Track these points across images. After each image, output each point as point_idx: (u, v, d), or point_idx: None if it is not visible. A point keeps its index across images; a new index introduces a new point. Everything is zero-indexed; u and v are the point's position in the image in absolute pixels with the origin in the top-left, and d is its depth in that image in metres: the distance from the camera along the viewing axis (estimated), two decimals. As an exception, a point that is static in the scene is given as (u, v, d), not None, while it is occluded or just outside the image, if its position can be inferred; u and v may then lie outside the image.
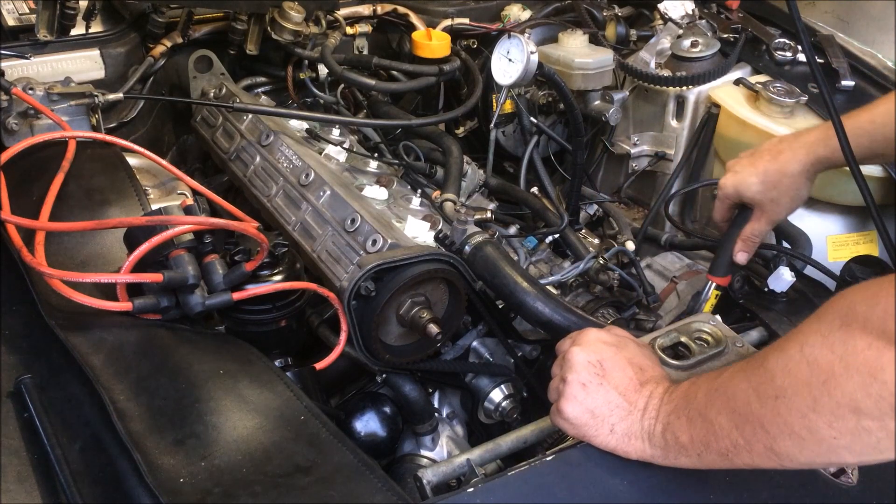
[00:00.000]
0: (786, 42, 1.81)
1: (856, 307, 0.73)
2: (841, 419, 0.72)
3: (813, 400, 0.73)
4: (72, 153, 1.40)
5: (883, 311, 0.70)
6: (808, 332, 0.76)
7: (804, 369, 0.74)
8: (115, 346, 1.06)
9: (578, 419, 0.95)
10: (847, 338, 0.72)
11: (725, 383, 0.84)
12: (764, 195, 1.33)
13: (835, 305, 0.76)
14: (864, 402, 0.70)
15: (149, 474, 0.85)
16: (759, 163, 1.34)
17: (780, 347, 0.79)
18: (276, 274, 1.21)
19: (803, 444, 0.76)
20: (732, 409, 0.81)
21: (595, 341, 0.99)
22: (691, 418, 0.86)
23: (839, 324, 0.73)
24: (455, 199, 1.50)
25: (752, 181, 1.33)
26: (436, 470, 1.03)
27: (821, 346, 0.74)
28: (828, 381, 0.72)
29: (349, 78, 1.80)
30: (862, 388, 0.70)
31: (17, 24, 1.70)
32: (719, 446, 0.83)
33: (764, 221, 1.36)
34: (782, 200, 1.33)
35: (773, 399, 0.77)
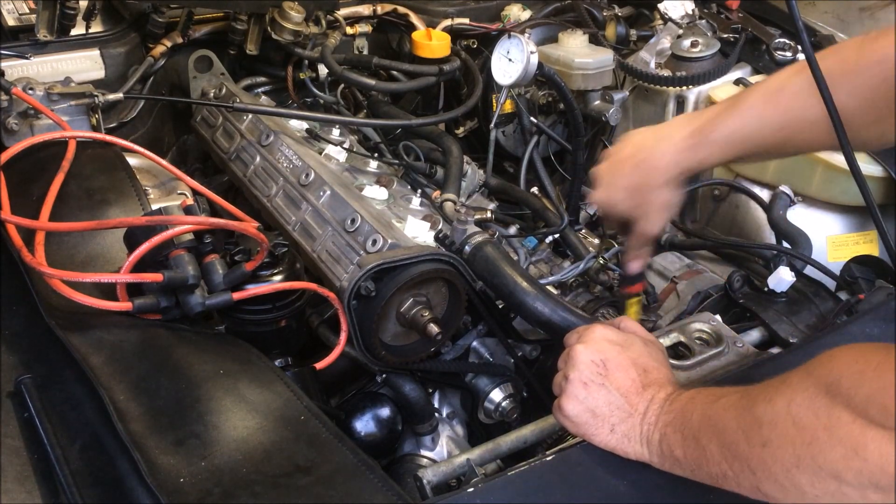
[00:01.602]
0: (786, 42, 1.81)
1: (841, 381, 0.72)
2: (823, 482, 0.71)
3: (797, 458, 0.73)
4: (72, 153, 1.40)
5: (866, 395, 0.69)
6: (796, 388, 0.76)
7: (790, 427, 0.74)
8: (115, 346, 1.06)
9: (579, 417, 0.95)
10: (831, 408, 0.71)
11: (719, 414, 0.83)
12: (632, 212, 1.23)
13: (822, 368, 0.75)
14: (845, 473, 0.69)
15: (149, 474, 0.85)
16: (621, 177, 1.22)
17: (768, 398, 0.78)
18: (276, 274, 1.21)
19: (787, 493, 0.75)
20: (722, 442, 0.81)
21: (600, 340, 0.98)
22: (685, 437, 0.86)
23: (824, 391, 0.72)
24: (455, 199, 1.50)
25: (618, 199, 1.23)
26: (436, 470, 1.03)
27: (807, 409, 0.73)
28: (812, 445, 0.72)
29: (349, 78, 1.80)
30: (844, 460, 0.69)
31: (17, 24, 1.70)
32: (710, 471, 0.83)
33: (640, 236, 1.26)
34: (651, 215, 1.22)
35: (760, 446, 0.77)
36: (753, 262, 1.59)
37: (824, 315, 1.35)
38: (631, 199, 1.22)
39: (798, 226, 1.58)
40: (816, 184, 1.61)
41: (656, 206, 1.21)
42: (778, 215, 1.60)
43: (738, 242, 1.64)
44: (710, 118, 1.16)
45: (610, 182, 1.24)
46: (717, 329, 1.17)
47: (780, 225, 1.59)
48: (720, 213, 1.79)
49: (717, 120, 1.15)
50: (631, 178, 1.21)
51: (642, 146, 1.21)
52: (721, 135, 1.13)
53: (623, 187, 1.22)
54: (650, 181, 1.19)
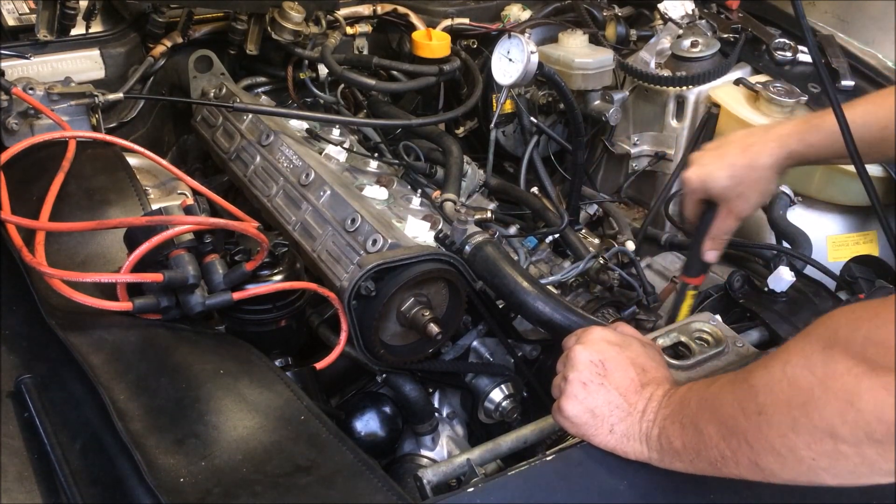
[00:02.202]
0: (786, 42, 1.81)
1: (839, 330, 0.72)
2: (819, 441, 0.72)
3: (792, 420, 0.73)
4: (72, 153, 1.40)
5: (864, 337, 0.69)
6: (792, 350, 0.76)
7: (785, 388, 0.74)
8: (115, 346, 1.06)
9: (578, 418, 0.95)
10: (828, 360, 0.71)
11: (715, 394, 0.84)
12: (731, 190, 1.27)
13: (820, 326, 0.76)
14: (840, 428, 0.70)
15: (149, 474, 0.85)
16: (726, 156, 1.27)
17: (765, 364, 0.79)
18: (277, 274, 1.21)
19: (784, 462, 0.76)
20: (720, 420, 0.81)
21: (599, 340, 0.99)
22: (684, 425, 0.86)
23: (822, 345, 0.73)
24: (455, 199, 1.50)
25: (720, 175, 1.27)
26: (436, 470, 1.03)
27: (802, 366, 0.74)
28: (807, 404, 0.72)
29: (349, 78, 1.80)
30: (839, 414, 0.70)
31: (17, 24, 1.70)
32: (709, 455, 0.83)
33: (732, 218, 1.30)
34: (750, 196, 1.27)
35: (755, 415, 0.77)
36: (753, 262, 1.59)
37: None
38: (733, 178, 1.26)
39: (798, 226, 1.58)
40: (816, 184, 1.61)
41: (756, 187, 1.26)
42: (778, 215, 1.60)
43: (738, 242, 1.63)
44: (822, 113, 1.21)
45: (714, 159, 1.28)
46: (717, 329, 1.17)
47: (780, 225, 1.59)
48: (720, 213, 1.78)
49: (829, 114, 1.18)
50: (738, 157, 1.26)
51: (754, 132, 1.29)
52: (832, 124, 1.16)
53: (728, 164, 1.26)
54: (757, 160, 1.24)
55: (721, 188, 1.27)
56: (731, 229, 1.32)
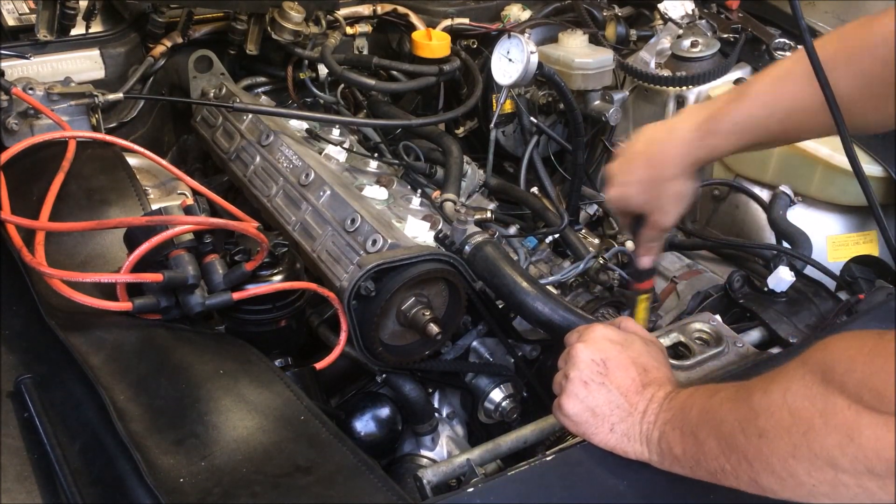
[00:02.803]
0: (786, 42, 1.81)
1: (835, 368, 0.72)
2: (819, 470, 0.71)
3: (793, 447, 0.73)
4: (72, 153, 1.40)
5: (858, 380, 0.69)
6: (792, 376, 0.76)
7: (786, 416, 0.74)
8: (115, 346, 1.06)
9: (579, 416, 0.95)
10: (827, 395, 0.71)
11: (716, 408, 0.84)
12: (648, 205, 1.24)
13: (816, 356, 0.75)
14: (841, 460, 0.69)
15: (149, 474, 0.85)
16: (635, 171, 1.24)
17: (764, 388, 0.78)
18: (276, 274, 1.21)
19: (784, 484, 0.75)
20: (720, 436, 0.81)
21: (601, 339, 0.99)
22: (684, 433, 0.86)
23: (819, 378, 0.73)
24: (455, 199, 1.50)
25: (632, 193, 1.24)
26: (436, 470, 1.03)
27: (803, 396, 0.73)
28: (808, 433, 0.72)
29: (349, 78, 1.80)
30: (839, 446, 0.69)
31: (17, 24, 1.70)
32: (708, 466, 0.83)
33: (655, 229, 1.28)
34: (667, 206, 1.24)
35: (756, 437, 0.77)
36: (753, 262, 1.59)
37: (824, 315, 1.35)
38: (645, 193, 1.23)
39: (798, 226, 1.58)
40: (816, 184, 1.61)
41: (670, 198, 1.22)
42: (778, 215, 1.60)
43: (738, 242, 1.64)
44: (719, 107, 1.17)
45: (624, 177, 1.25)
46: (717, 329, 1.17)
47: (780, 225, 1.59)
48: (720, 213, 1.79)
49: (726, 109, 1.16)
50: (644, 172, 1.22)
51: (653, 140, 1.23)
52: (730, 123, 1.14)
53: (637, 181, 1.23)
54: (663, 173, 1.20)
55: (637, 205, 1.26)
56: (657, 237, 1.31)
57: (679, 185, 1.21)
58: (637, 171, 1.24)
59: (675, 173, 1.20)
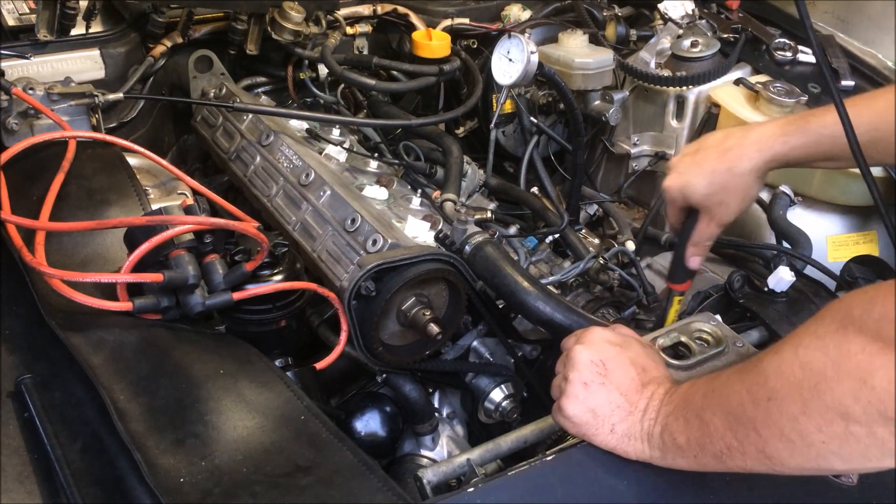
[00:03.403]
0: (786, 42, 1.81)
1: (853, 310, 0.72)
2: (830, 423, 0.72)
3: (803, 403, 0.73)
4: (72, 153, 1.40)
5: (879, 315, 0.69)
6: (803, 333, 0.76)
7: (797, 371, 0.74)
8: (115, 346, 1.06)
9: (579, 418, 0.95)
10: (842, 340, 0.71)
11: (722, 385, 0.84)
12: (711, 198, 1.22)
13: (832, 308, 0.76)
14: (853, 407, 0.70)
15: (149, 474, 0.85)
16: (705, 162, 1.22)
17: (775, 349, 0.79)
18: (276, 274, 1.21)
19: (793, 448, 0.75)
20: (727, 410, 0.81)
21: (599, 340, 0.99)
22: (688, 419, 0.86)
23: (835, 326, 0.73)
24: (455, 199, 1.50)
25: (699, 183, 1.22)
26: (436, 470, 1.03)
27: (815, 348, 0.74)
28: (819, 385, 0.72)
29: (349, 78, 1.80)
30: (851, 393, 0.70)
31: (17, 24, 1.69)
32: (714, 448, 0.83)
33: (713, 225, 1.26)
34: (731, 202, 1.22)
35: (765, 401, 0.77)
36: (753, 262, 1.59)
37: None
38: (712, 185, 1.21)
39: (798, 226, 1.58)
40: (816, 184, 1.61)
41: (737, 193, 1.21)
42: (778, 215, 1.60)
43: (738, 242, 1.64)
44: (808, 113, 1.19)
45: (692, 166, 1.24)
46: (717, 329, 1.17)
47: (780, 225, 1.59)
48: (720, 213, 1.78)
49: (816, 113, 1.17)
50: (716, 163, 1.21)
51: (730, 134, 1.23)
52: (817, 125, 1.15)
53: (708, 171, 1.21)
54: (737, 165, 1.19)
55: (700, 196, 1.23)
56: (713, 236, 1.29)
57: (749, 181, 1.20)
58: (708, 162, 1.22)
59: (749, 168, 1.19)
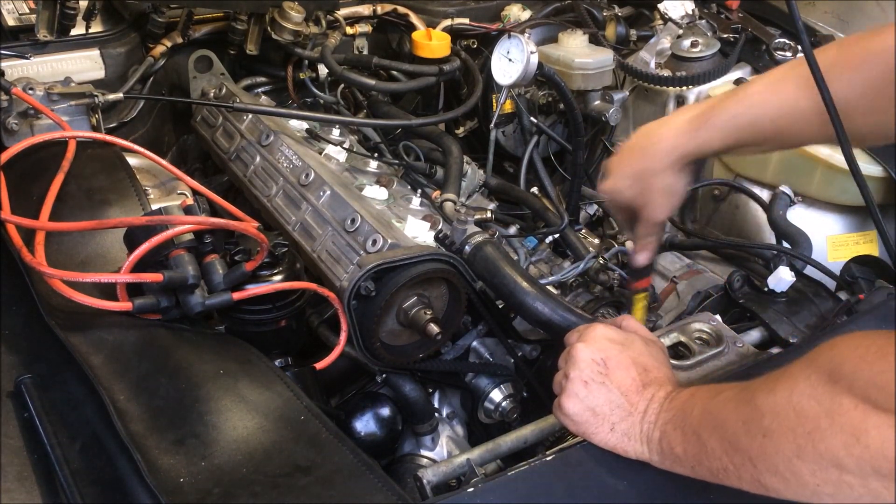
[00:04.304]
0: (786, 42, 1.81)
1: (843, 367, 0.72)
2: (824, 470, 0.71)
3: (798, 447, 0.73)
4: (72, 153, 1.40)
5: (867, 379, 0.69)
6: (798, 376, 0.75)
7: (791, 416, 0.74)
8: (115, 346, 1.06)
9: (579, 416, 0.95)
10: (834, 394, 0.71)
11: (719, 408, 0.83)
12: (637, 199, 1.24)
13: (824, 356, 0.75)
14: (846, 460, 0.69)
15: (149, 474, 0.85)
16: (625, 165, 1.25)
17: (769, 387, 0.78)
18: (276, 274, 1.21)
19: (788, 485, 0.75)
20: (723, 435, 0.81)
21: (601, 338, 0.99)
22: (686, 433, 0.86)
23: (826, 378, 0.72)
24: (455, 199, 1.50)
25: (622, 186, 1.25)
26: (436, 470, 1.03)
27: (808, 396, 0.73)
28: (813, 433, 0.72)
29: (349, 78, 1.80)
30: (845, 447, 0.69)
31: (17, 24, 1.69)
32: (711, 466, 0.83)
33: (648, 223, 1.27)
34: (656, 200, 1.23)
35: (760, 436, 0.76)
36: (753, 262, 1.59)
37: (824, 315, 1.35)
38: (635, 186, 1.23)
39: (798, 226, 1.58)
40: (816, 184, 1.61)
41: (659, 191, 1.22)
42: (778, 215, 1.60)
43: (738, 242, 1.64)
44: (713, 104, 1.17)
45: (616, 170, 1.26)
46: (717, 329, 1.17)
47: (780, 225, 1.59)
48: (720, 213, 1.79)
49: (719, 106, 1.16)
50: (635, 164, 1.23)
51: (647, 132, 1.24)
52: (721, 119, 1.14)
53: (628, 174, 1.24)
54: (653, 165, 1.20)
55: (627, 199, 1.25)
56: (651, 231, 1.29)
57: (668, 178, 1.20)
58: (628, 163, 1.24)
59: (664, 165, 1.19)
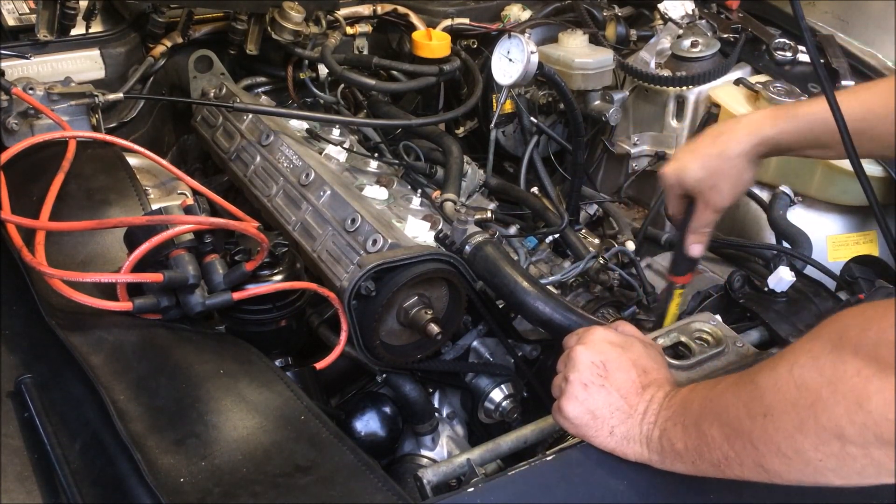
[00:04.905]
0: (786, 42, 1.81)
1: (848, 331, 0.72)
2: (826, 443, 0.71)
3: (800, 421, 0.73)
4: (72, 153, 1.40)
5: (874, 337, 0.69)
6: (799, 351, 0.76)
7: (792, 390, 0.74)
8: (115, 346, 1.06)
9: (579, 419, 0.95)
10: (837, 361, 0.71)
11: (719, 395, 0.84)
12: (704, 182, 1.25)
13: (828, 327, 0.75)
14: (848, 429, 0.69)
15: (149, 474, 0.85)
16: (698, 148, 1.27)
17: (771, 365, 0.78)
18: (277, 274, 1.21)
19: (790, 464, 0.75)
20: (724, 422, 0.81)
21: (600, 341, 0.99)
22: (686, 427, 0.86)
23: (830, 346, 0.72)
24: (455, 199, 1.50)
25: (691, 167, 1.26)
26: (436, 470, 1.03)
27: (810, 367, 0.73)
28: (815, 405, 0.72)
29: (349, 78, 1.80)
30: (847, 415, 0.69)
31: (17, 24, 1.70)
32: (712, 457, 0.83)
33: (709, 211, 1.28)
34: (723, 186, 1.25)
35: (761, 416, 0.77)
36: (753, 262, 1.59)
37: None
38: (704, 168, 1.25)
39: (798, 226, 1.58)
40: (816, 184, 1.61)
41: (729, 177, 1.24)
42: (778, 215, 1.60)
43: (738, 242, 1.64)
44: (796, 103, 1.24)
45: (686, 153, 1.28)
46: (717, 329, 1.17)
47: (780, 225, 1.59)
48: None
49: (802, 104, 1.21)
50: (709, 148, 1.25)
51: (726, 122, 1.29)
52: (804, 112, 1.18)
53: (700, 155, 1.25)
54: (728, 149, 1.23)
55: (694, 180, 1.26)
56: (710, 222, 1.30)
57: (739, 165, 1.23)
58: (701, 147, 1.26)
59: (739, 151, 1.22)
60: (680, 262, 1.36)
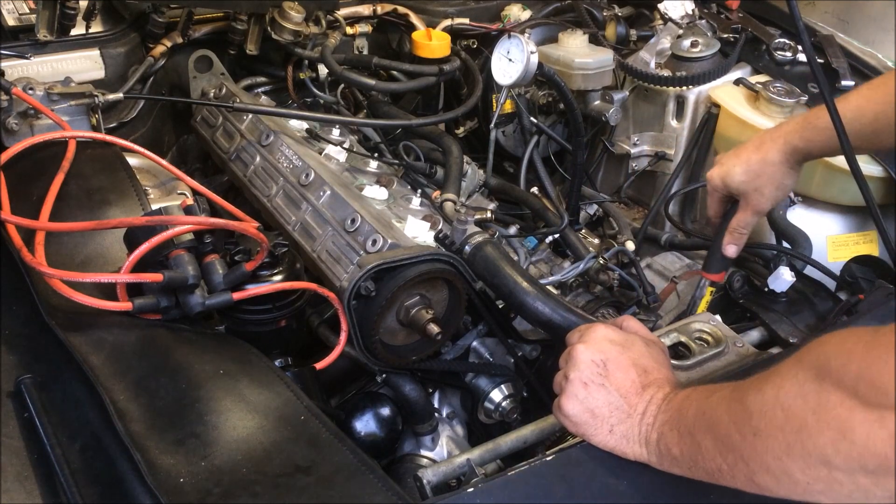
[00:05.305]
0: (786, 42, 1.81)
1: (830, 361, 0.72)
2: (813, 468, 0.71)
3: (787, 445, 0.73)
4: (72, 153, 1.40)
5: (855, 373, 0.69)
6: (785, 376, 0.76)
7: (779, 414, 0.74)
8: (115, 346, 1.06)
9: (578, 417, 0.95)
10: (820, 391, 0.71)
11: (712, 408, 0.84)
12: (747, 185, 1.35)
13: (812, 353, 0.75)
14: (834, 457, 0.69)
15: (149, 474, 0.85)
16: (742, 153, 1.36)
17: (758, 387, 0.79)
18: (276, 274, 1.21)
19: (780, 483, 0.75)
20: (716, 436, 0.82)
21: (602, 340, 0.99)
22: (682, 434, 0.86)
23: (814, 375, 0.73)
24: (455, 199, 1.50)
25: (737, 171, 1.35)
26: (436, 470, 1.03)
27: (795, 395, 0.73)
28: (801, 431, 0.72)
29: (349, 78, 1.80)
30: (832, 444, 0.69)
31: (17, 24, 1.70)
32: (706, 466, 0.83)
33: (749, 212, 1.37)
34: (765, 190, 1.34)
35: (751, 436, 0.77)
36: (753, 262, 1.59)
37: (824, 315, 1.35)
38: (748, 172, 1.35)
39: (798, 226, 1.58)
40: (816, 184, 1.61)
41: (771, 181, 1.34)
42: (778, 215, 1.60)
43: (738, 242, 1.63)
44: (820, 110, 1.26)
45: (731, 157, 1.38)
46: (717, 329, 1.17)
47: (780, 225, 1.59)
48: (720, 213, 1.79)
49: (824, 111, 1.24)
50: (753, 154, 1.35)
51: (766, 131, 1.39)
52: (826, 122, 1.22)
53: (744, 160, 1.35)
54: (770, 156, 1.33)
55: (739, 183, 1.35)
56: (749, 223, 1.39)
57: (780, 170, 1.33)
58: (745, 153, 1.36)
59: (779, 158, 1.32)
60: (715, 261, 1.43)
